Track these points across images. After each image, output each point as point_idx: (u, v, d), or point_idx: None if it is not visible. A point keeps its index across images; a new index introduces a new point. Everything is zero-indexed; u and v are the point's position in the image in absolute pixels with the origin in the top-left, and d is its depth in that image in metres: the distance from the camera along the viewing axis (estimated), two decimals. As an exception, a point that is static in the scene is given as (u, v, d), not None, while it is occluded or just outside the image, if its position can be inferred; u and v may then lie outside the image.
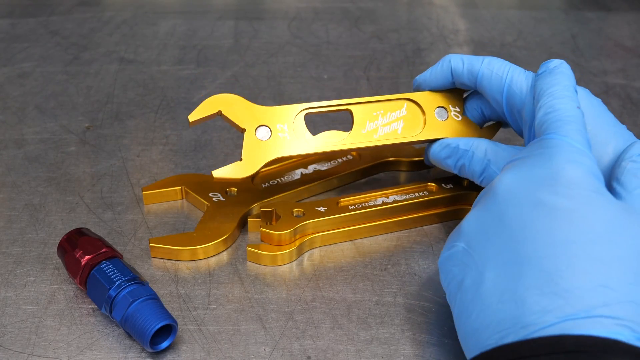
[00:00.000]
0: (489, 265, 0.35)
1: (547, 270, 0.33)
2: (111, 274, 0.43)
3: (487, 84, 0.49)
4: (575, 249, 0.33)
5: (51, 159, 0.61)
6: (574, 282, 0.32)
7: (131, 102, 0.72)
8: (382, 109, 0.51)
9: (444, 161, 0.51)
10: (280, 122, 0.49)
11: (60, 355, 0.41)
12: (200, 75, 0.78)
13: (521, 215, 0.36)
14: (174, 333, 0.41)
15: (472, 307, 0.35)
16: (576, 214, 0.34)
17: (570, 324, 0.31)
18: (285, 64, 0.81)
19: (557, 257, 0.33)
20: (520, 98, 0.47)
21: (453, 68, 0.50)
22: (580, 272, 0.33)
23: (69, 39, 0.87)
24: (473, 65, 0.49)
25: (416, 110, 0.52)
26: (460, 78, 0.50)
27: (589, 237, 0.34)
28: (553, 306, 0.32)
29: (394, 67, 0.81)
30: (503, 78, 0.48)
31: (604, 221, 0.34)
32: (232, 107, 0.48)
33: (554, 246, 0.34)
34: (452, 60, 0.51)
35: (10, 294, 0.46)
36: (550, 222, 0.35)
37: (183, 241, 0.49)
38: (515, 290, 0.33)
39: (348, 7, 1.00)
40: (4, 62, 0.80)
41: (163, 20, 0.94)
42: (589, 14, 1.00)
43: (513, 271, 0.34)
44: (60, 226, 0.52)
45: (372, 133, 0.51)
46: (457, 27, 0.94)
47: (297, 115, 0.50)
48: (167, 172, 0.60)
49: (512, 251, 0.35)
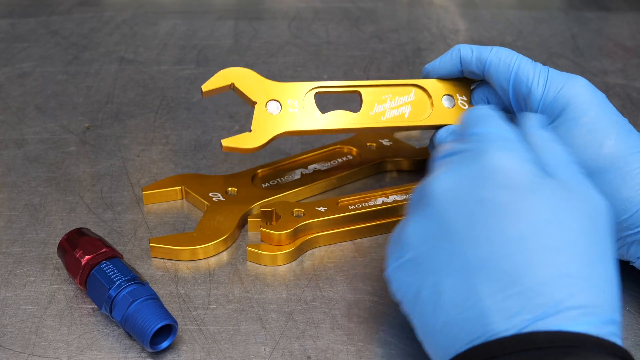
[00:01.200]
0: (442, 274, 0.34)
1: (506, 271, 0.32)
2: (111, 274, 0.43)
3: (494, 71, 0.49)
4: (529, 243, 0.33)
5: (51, 159, 0.61)
6: (536, 278, 0.32)
7: (131, 102, 0.72)
8: (391, 92, 0.52)
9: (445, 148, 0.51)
10: (291, 98, 0.50)
11: (60, 355, 0.41)
12: (200, 75, 0.78)
13: (465, 217, 0.34)
14: (174, 333, 0.41)
15: (434, 320, 0.34)
16: (520, 205, 0.33)
17: (541, 323, 0.31)
18: (285, 64, 0.81)
19: (513, 255, 0.32)
20: (527, 85, 0.47)
21: (462, 57, 0.51)
22: (540, 266, 0.32)
23: (69, 39, 0.87)
24: (482, 53, 0.50)
25: (424, 97, 0.52)
26: (469, 66, 0.51)
27: (539, 228, 0.33)
28: (519, 308, 0.31)
29: (394, 67, 0.81)
30: (510, 66, 0.48)
31: (549, 206, 0.34)
32: (244, 80, 0.49)
33: (507, 244, 0.33)
34: (462, 49, 0.51)
35: (10, 294, 0.46)
36: (498, 219, 0.33)
37: (183, 241, 0.49)
38: (477, 299, 0.32)
39: (348, 7, 1.00)
40: (4, 62, 0.80)
41: (163, 20, 0.94)
42: (589, 14, 1.00)
43: (470, 277, 0.33)
44: (60, 226, 0.52)
45: (380, 115, 0.51)
46: (457, 27, 0.94)
47: (308, 93, 0.50)
48: (167, 172, 0.60)
49: (464, 256, 0.34)
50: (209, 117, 0.68)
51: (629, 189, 0.43)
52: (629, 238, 0.44)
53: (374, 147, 0.61)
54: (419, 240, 0.36)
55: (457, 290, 0.33)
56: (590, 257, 0.33)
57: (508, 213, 0.33)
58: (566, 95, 0.45)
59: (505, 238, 0.33)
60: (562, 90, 0.45)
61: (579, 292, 0.32)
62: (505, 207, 0.34)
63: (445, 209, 0.35)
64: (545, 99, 0.46)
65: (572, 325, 0.31)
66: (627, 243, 0.44)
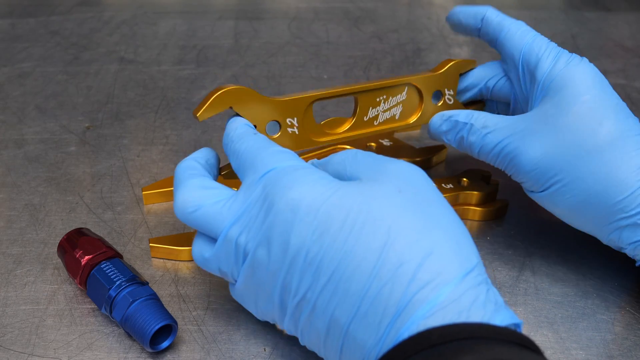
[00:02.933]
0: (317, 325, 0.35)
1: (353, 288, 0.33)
2: (111, 274, 0.43)
3: (510, 38, 0.51)
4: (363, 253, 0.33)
5: (51, 159, 0.61)
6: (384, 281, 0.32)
7: (131, 102, 0.72)
8: (385, 94, 0.52)
9: (444, 135, 0.52)
10: (290, 116, 0.49)
11: (60, 355, 0.41)
12: (200, 75, 0.78)
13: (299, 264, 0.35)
14: (174, 333, 0.41)
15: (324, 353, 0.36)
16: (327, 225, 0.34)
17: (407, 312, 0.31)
18: (285, 64, 0.81)
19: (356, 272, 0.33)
20: (537, 56, 0.48)
21: (487, 16, 0.52)
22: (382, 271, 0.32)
23: (69, 39, 0.87)
24: (505, 19, 0.52)
25: (414, 95, 0.53)
26: (489, 25, 0.52)
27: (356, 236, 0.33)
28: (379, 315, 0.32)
29: (394, 67, 0.81)
30: (525, 37, 0.50)
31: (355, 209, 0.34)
32: (242, 102, 0.46)
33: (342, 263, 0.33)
34: (489, 11, 0.53)
35: (10, 294, 0.46)
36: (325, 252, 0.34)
37: (183, 241, 0.49)
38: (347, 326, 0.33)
39: (348, 7, 1.00)
40: (4, 62, 0.80)
41: (163, 20, 0.94)
42: (589, 14, 1.00)
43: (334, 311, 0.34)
44: (60, 226, 0.52)
45: (373, 120, 0.52)
46: (457, 27, 0.94)
47: (308, 107, 0.49)
48: (167, 172, 0.60)
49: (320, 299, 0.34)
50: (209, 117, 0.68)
51: (625, 170, 0.43)
52: (622, 221, 0.43)
53: (373, 147, 0.61)
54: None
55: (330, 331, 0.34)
56: (422, 218, 0.33)
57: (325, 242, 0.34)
58: (571, 71, 0.46)
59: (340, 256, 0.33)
60: (568, 66, 0.47)
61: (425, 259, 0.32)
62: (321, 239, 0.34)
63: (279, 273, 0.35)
64: (551, 72, 0.47)
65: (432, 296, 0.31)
66: (620, 227, 0.44)
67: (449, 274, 0.32)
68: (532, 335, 0.44)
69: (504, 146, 0.47)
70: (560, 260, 0.50)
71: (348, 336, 0.33)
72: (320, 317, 0.34)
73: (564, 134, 0.45)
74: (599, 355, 0.42)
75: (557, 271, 0.49)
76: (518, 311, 0.45)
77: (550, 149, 0.45)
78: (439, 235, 0.33)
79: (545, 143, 0.45)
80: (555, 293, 0.47)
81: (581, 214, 0.45)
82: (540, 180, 0.46)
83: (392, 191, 0.35)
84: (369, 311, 0.32)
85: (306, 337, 0.36)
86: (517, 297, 0.46)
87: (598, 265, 0.50)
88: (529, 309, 0.46)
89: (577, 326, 0.44)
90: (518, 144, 0.46)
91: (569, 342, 0.43)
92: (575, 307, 0.46)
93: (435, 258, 0.32)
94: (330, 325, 0.34)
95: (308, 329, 0.36)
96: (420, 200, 0.35)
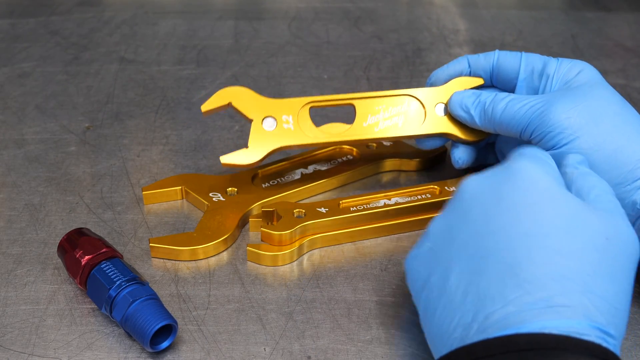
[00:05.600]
0: (453, 261, 0.36)
1: (508, 263, 0.34)
2: (111, 274, 0.43)
3: (504, 59, 0.52)
4: (533, 241, 0.34)
5: (51, 159, 0.61)
6: (533, 272, 0.33)
7: (131, 102, 0.72)
8: (385, 103, 0.53)
9: (465, 104, 0.52)
10: (285, 114, 0.52)
11: (60, 355, 0.41)
12: (200, 75, 0.78)
13: (484, 212, 0.37)
14: (174, 333, 0.41)
15: (437, 303, 0.36)
16: (535, 208, 0.35)
17: (529, 313, 0.32)
18: (285, 64, 0.81)
19: (515, 249, 0.34)
20: (540, 60, 0.51)
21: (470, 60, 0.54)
22: (539, 264, 0.33)
23: (69, 39, 0.87)
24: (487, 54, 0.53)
25: (417, 106, 0.53)
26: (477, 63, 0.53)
27: (547, 230, 0.34)
28: (513, 296, 0.33)
29: (394, 67, 0.81)
30: (518, 54, 0.52)
31: (563, 215, 0.35)
32: (241, 99, 0.52)
33: (513, 239, 0.34)
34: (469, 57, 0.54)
35: (10, 294, 0.46)
36: (511, 216, 0.35)
37: (183, 241, 0.49)
38: (478, 283, 0.34)
39: (348, 7, 1.00)
40: (4, 62, 0.80)
41: (163, 20, 0.94)
42: (589, 14, 1.00)
43: (476, 265, 0.35)
44: (60, 226, 0.52)
45: (373, 126, 0.53)
46: (457, 27, 0.94)
47: (302, 108, 0.52)
48: (167, 172, 0.60)
49: (475, 246, 0.36)
50: (209, 117, 0.68)
51: None
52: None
53: (374, 147, 0.61)
54: (440, 230, 0.38)
55: (462, 276, 0.35)
56: (597, 271, 0.34)
57: (520, 211, 0.35)
58: (578, 66, 0.49)
59: (513, 233, 0.35)
60: (573, 63, 0.49)
61: (573, 293, 0.32)
62: (520, 206, 0.36)
63: (468, 204, 0.38)
64: (559, 66, 0.49)
65: (560, 322, 0.31)
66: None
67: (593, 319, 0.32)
68: (532, 335, 0.44)
69: (530, 107, 0.47)
70: (560, 261, 0.50)
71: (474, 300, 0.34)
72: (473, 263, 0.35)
73: (586, 100, 0.46)
74: (599, 355, 0.42)
75: (557, 271, 0.49)
76: (518, 311, 0.45)
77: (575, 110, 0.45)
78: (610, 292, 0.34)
79: (570, 106, 0.46)
80: (556, 293, 0.47)
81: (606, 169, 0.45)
82: (564, 133, 0.45)
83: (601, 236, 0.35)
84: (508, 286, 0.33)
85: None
86: (517, 297, 0.46)
87: (598, 266, 0.49)
88: (529, 309, 0.45)
89: (577, 326, 0.44)
90: (545, 106, 0.47)
91: (569, 342, 0.43)
92: (575, 307, 0.46)
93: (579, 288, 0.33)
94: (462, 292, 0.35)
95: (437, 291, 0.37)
96: (622, 259, 0.35)
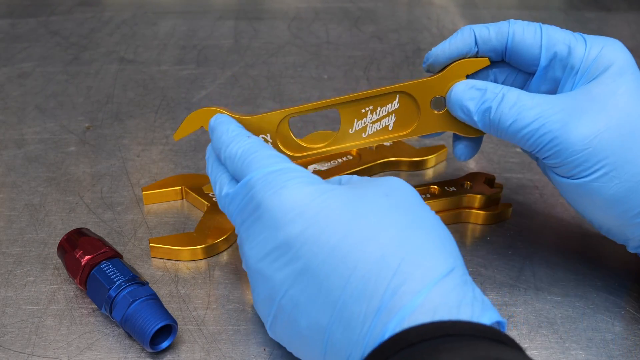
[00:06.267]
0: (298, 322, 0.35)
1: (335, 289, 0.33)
2: (111, 274, 0.43)
3: (520, 40, 0.45)
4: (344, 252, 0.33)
5: (51, 159, 0.61)
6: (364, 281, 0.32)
7: (131, 102, 0.72)
8: (372, 104, 0.48)
9: (467, 103, 0.45)
10: (263, 132, 0.48)
11: (60, 355, 0.41)
12: (200, 75, 0.78)
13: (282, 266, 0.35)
14: (174, 333, 0.41)
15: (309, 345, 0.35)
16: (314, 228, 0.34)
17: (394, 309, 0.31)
18: (285, 64, 0.81)
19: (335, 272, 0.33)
20: (565, 44, 0.44)
21: (478, 35, 0.46)
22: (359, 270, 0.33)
23: (69, 39, 0.87)
24: (500, 27, 0.46)
25: (409, 103, 0.48)
26: (487, 43, 0.46)
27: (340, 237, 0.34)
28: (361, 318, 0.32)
29: (394, 67, 0.81)
30: (537, 32, 0.45)
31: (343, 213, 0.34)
32: None
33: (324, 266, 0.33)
34: (475, 29, 0.46)
35: (10, 294, 0.46)
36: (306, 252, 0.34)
37: (183, 241, 0.49)
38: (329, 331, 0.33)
39: (348, 7, 1.00)
40: (4, 62, 0.80)
41: (163, 20, 0.94)
42: (589, 14, 1.00)
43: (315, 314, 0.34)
44: (60, 226, 0.52)
45: (361, 132, 0.48)
46: (457, 27, 0.94)
47: (281, 122, 0.48)
48: (167, 172, 0.60)
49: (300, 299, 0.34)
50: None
51: None
52: None
53: (374, 148, 0.61)
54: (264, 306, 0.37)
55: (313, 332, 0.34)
56: (401, 226, 0.34)
57: (309, 239, 0.34)
58: (609, 53, 0.43)
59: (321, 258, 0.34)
60: (605, 49, 0.43)
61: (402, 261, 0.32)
62: (304, 236, 0.34)
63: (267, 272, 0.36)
64: (589, 55, 0.43)
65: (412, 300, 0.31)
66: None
67: (435, 271, 0.32)
68: (532, 335, 0.44)
69: (545, 122, 0.41)
70: (560, 261, 0.50)
71: (331, 338, 0.33)
72: (303, 316, 0.34)
73: (614, 114, 0.41)
74: (599, 355, 0.42)
75: (557, 271, 0.49)
76: (518, 311, 0.45)
77: (602, 128, 0.40)
78: (423, 235, 0.34)
79: (596, 122, 0.41)
80: (555, 293, 0.47)
81: (621, 205, 0.41)
82: (589, 162, 0.41)
83: (379, 194, 0.36)
84: (352, 309, 0.32)
85: (287, 339, 0.37)
86: (517, 297, 0.46)
87: (598, 266, 0.49)
88: (529, 309, 0.46)
89: (577, 326, 0.44)
90: (565, 121, 0.41)
91: (569, 342, 0.43)
92: (575, 307, 0.46)
93: (419, 254, 0.33)
94: (311, 326, 0.34)
95: (289, 331, 0.36)
96: (406, 204, 0.36)
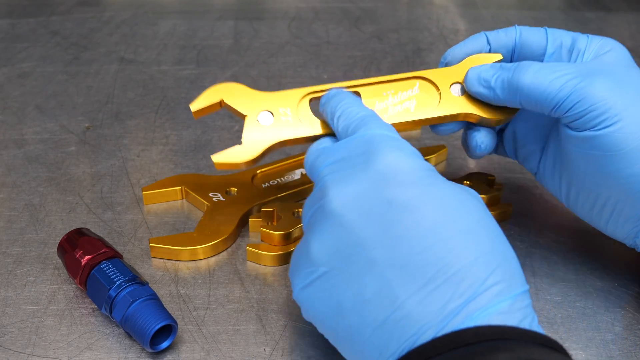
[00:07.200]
0: (363, 282, 0.34)
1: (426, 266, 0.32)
2: (111, 274, 0.43)
3: (527, 35, 0.48)
4: (445, 230, 0.33)
5: (51, 159, 0.61)
6: (460, 261, 0.32)
7: (131, 102, 0.72)
8: (393, 88, 0.49)
9: (483, 74, 0.46)
10: (283, 106, 0.47)
11: (60, 355, 0.41)
12: (200, 75, 0.78)
13: (375, 222, 0.34)
14: (174, 333, 0.41)
15: (364, 329, 0.34)
16: (427, 197, 0.34)
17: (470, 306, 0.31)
18: (285, 64, 0.81)
19: (432, 246, 0.33)
20: (568, 36, 0.46)
21: (489, 35, 0.48)
22: (461, 249, 0.33)
23: (69, 39, 0.87)
24: (508, 29, 0.48)
25: (430, 88, 0.49)
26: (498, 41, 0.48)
27: (451, 214, 0.34)
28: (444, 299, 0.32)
29: (394, 67, 0.81)
30: (542, 29, 0.48)
31: (452, 194, 0.35)
32: (233, 95, 0.47)
33: (424, 237, 0.33)
34: (486, 32, 0.49)
35: (10, 294, 0.46)
36: (408, 216, 0.34)
37: (183, 241, 0.49)
38: (400, 301, 0.32)
39: (348, 7, 1.00)
40: (4, 62, 0.80)
41: (163, 20, 0.94)
42: (589, 14, 1.00)
43: (391, 280, 0.33)
44: (60, 226, 0.52)
45: (382, 113, 0.48)
46: (457, 27, 0.94)
47: (302, 100, 0.47)
48: (167, 172, 0.60)
49: (381, 260, 0.33)
50: (209, 117, 0.68)
51: None
52: None
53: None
54: (329, 255, 0.35)
55: (380, 295, 0.33)
56: (496, 235, 0.35)
57: (417, 207, 0.34)
58: (608, 43, 0.46)
59: (421, 231, 0.33)
60: (603, 42, 0.46)
61: (498, 267, 0.33)
62: (413, 202, 0.34)
63: (351, 219, 0.35)
64: (590, 44, 0.46)
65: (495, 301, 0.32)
66: None
67: (517, 287, 0.33)
68: (532, 335, 0.44)
69: (566, 74, 0.42)
70: (560, 261, 0.50)
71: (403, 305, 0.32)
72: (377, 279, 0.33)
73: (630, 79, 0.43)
74: (599, 355, 0.42)
75: (557, 271, 0.49)
76: (518, 311, 0.45)
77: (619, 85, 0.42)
78: (508, 252, 0.35)
79: (614, 80, 0.42)
80: (555, 293, 0.47)
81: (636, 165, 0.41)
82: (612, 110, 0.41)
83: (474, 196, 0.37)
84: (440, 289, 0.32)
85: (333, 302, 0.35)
86: (517, 297, 0.46)
87: (598, 266, 0.50)
88: (529, 309, 0.46)
89: (577, 326, 0.44)
90: (585, 75, 0.42)
91: (569, 342, 0.43)
92: (575, 307, 0.46)
93: (509, 267, 0.33)
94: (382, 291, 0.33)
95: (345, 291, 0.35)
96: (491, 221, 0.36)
